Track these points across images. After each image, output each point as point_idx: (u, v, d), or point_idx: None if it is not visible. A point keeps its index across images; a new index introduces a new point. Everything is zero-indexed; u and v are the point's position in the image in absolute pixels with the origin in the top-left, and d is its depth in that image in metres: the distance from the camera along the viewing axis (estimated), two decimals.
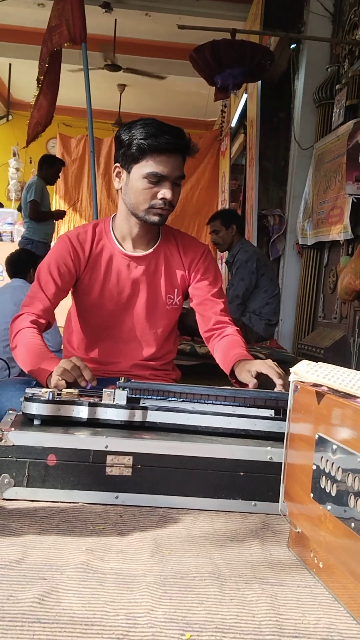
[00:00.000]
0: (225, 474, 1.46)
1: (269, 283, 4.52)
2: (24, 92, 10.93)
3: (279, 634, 0.92)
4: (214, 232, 4.73)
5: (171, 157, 1.93)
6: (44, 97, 5.12)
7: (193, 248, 2.17)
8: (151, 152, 1.92)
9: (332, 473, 1.06)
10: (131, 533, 1.29)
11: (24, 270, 4.10)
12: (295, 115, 5.70)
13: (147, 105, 10.67)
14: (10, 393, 2.00)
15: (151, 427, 1.60)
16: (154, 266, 2.11)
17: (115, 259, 2.09)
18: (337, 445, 1.04)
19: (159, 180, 1.93)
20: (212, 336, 2.15)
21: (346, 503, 1.00)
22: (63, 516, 1.36)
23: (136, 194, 1.97)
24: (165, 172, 1.93)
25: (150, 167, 1.93)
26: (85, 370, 1.69)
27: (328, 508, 1.06)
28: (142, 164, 1.94)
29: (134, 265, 2.09)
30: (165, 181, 1.94)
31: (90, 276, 2.08)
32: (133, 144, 1.93)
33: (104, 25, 7.54)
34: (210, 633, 0.91)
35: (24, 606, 0.94)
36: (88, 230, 2.11)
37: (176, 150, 1.94)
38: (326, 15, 5.34)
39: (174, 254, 2.14)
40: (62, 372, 1.69)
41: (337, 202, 4.58)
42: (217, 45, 4.67)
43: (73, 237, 2.08)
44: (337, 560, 1.04)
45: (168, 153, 1.92)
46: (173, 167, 1.94)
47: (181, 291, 2.16)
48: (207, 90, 8.26)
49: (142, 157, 1.93)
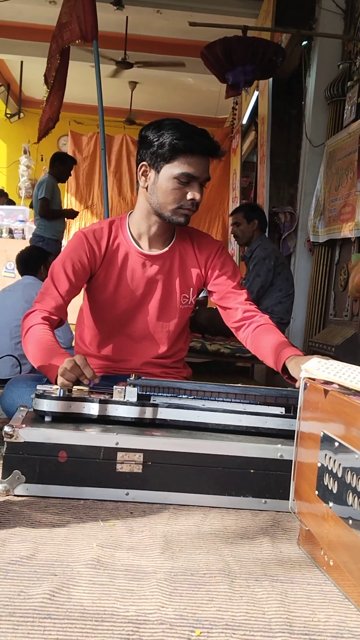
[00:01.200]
0: (236, 472, 1.47)
1: (285, 282, 4.50)
2: (35, 89, 10.95)
3: (289, 631, 0.92)
4: (235, 224, 4.73)
5: (202, 158, 1.95)
6: (55, 94, 5.11)
7: (208, 245, 2.16)
8: (184, 152, 1.92)
9: (334, 471, 1.05)
10: (141, 530, 1.29)
11: (34, 268, 4.10)
12: (306, 112, 5.67)
13: (158, 102, 10.66)
14: (21, 390, 2.00)
15: (162, 424, 1.60)
16: (168, 265, 2.11)
17: (130, 257, 2.09)
18: (338, 443, 1.04)
19: (189, 181, 1.94)
20: (242, 326, 2.11)
21: (345, 501, 1.00)
22: (74, 513, 1.36)
23: (165, 193, 1.97)
24: (197, 173, 1.94)
25: (182, 168, 1.93)
26: (85, 368, 1.68)
27: (330, 506, 1.06)
28: (173, 164, 1.94)
29: (149, 264, 2.09)
30: (195, 182, 1.95)
31: (105, 274, 2.08)
32: (165, 144, 1.92)
33: (116, 22, 7.53)
34: (220, 630, 0.91)
35: (35, 602, 0.95)
36: (104, 227, 2.10)
37: (207, 152, 1.96)
38: (338, 12, 5.31)
39: (189, 253, 2.14)
40: (63, 371, 1.68)
41: (348, 199, 4.56)
42: (228, 42, 4.66)
43: (89, 234, 2.08)
44: (339, 558, 1.04)
45: (200, 154, 1.94)
46: (203, 168, 1.96)
47: (196, 290, 2.16)
48: (218, 87, 8.24)
49: (175, 158, 1.93)
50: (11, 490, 1.44)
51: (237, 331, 2.13)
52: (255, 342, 2.05)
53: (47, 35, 7.89)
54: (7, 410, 2.04)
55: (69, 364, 1.68)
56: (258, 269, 4.45)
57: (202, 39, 5.64)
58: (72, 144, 9.83)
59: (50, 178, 6.59)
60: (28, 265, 4.11)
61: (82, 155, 9.89)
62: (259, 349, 2.03)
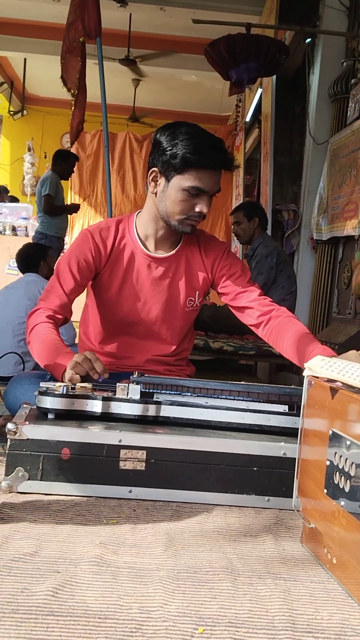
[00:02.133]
0: (239, 469, 1.47)
1: (287, 280, 4.50)
2: (39, 87, 10.97)
3: (292, 629, 0.92)
4: (236, 224, 4.74)
5: (214, 172, 1.94)
6: (81, 95, 5.11)
7: (214, 249, 2.15)
8: (196, 167, 1.91)
9: (346, 469, 1.05)
10: (144, 527, 1.29)
11: (35, 264, 4.09)
12: (310, 109, 5.66)
13: (161, 100, 10.66)
14: (24, 387, 2.00)
15: (165, 421, 1.60)
16: (174, 268, 2.11)
17: (136, 258, 2.08)
18: (351, 441, 1.04)
19: (198, 193, 1.94)
20: (261, 323, 2.07)
21: (359, 498, 1.00)
22: (77, 510, 1.36)
23: (174, 204, 1.96)
24: (207, 187, 1.93)
25: (193, 182, 1.92)
26: (96, 362, 1.70)
27: (341, 504, 1.06)
28: (184, 176, 1.92)
29: (155, 266, 2.09)
30: (205, 195, 1.94)
31: (110, 273, 2.08)
32: (178, 155, 1.90)
33: (119, 19, 7.53)
34: (223, 627, 0.91)
35: (38, 599, 0.95)
36: (111, 227, 2.10)
37: (220, 167, 1.95)
38: (342, 9, 5.30)
39: (195, 256, 2.13)
40: (74, 365, 1.69)
41: (352, 197, 4.56)
42: (232, 40, 4.65)
43: (95, 233, 2.07)
44: (351, 555, 1.03)
45: (212, 169, 1.93)
46: (214, 182, 1.95)
47: (202, 293, 2.16)
48: (221, 84, 8.24)
49: (186, 170, 1.91)
50: (14, 487, 1.44)
51: (257, 329, 2.09)
52: (278, 340, 2.01)
53: (50, 33, 7.92)
54: (10, 407, 2.04)
55: (80, 357, 1.69)
56: (260, 266, 4.45)
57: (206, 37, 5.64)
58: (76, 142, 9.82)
59: (54, 175, 6.59)
60: (28, 263, 4.11)
61: (86, 152, 9.90)
62: (282, 348, 1.99)
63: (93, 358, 1.71)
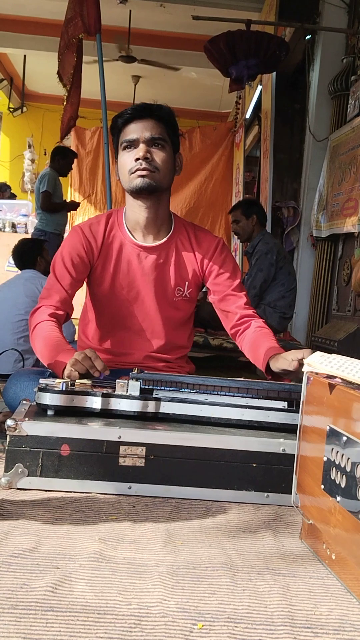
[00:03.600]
0: (238, 466, 1.47)
1: (287, 277, 4.50)
2: (38, 83, 10.95)
3: (291, 624, 0.92)
4: (234, 222, 4.73)
5: (139, 122, 2.01)
6: (75, 91, 5.11)
7: (206, 241, 2.15)
8: (122, 126, 2.03)
9: (342, 465, 1.05)
10: (144, 523, 1.29)
11: (31, 260, 4.08)
12: (310, 106, 5.66)
13: (161, 96, 10.52)
14: (24, 384, 2.01)
15: (164, 418, 1.60)
16: (164, 257, 2.11)
17: (125, 249, 2.09)
18: (347, 437, 1.04)
19: (132, 145, 2.01)
20: (238, 332, 2.14)
21: (355, 495, 1.00)
22: (76, 506, 1.37)
23: (122, 168, 2.05)
24: (135, 135, 2.00)
25: (123, 137, 2.02)
26: (96, 360, 1.70)
27: (338, 500, 1.06)
28: (120, 140, 2.04)
29: (144, 256, 2.09)
30: (138, 144, 2.00)
31: (103, 266, 2.09)
32: (113, 131, 2.07)
33: (119, 16, 7.51)
34: (222, 623, 0.91)
35: (37, 594, 0.95)
36: (101, 221, 2.12)
37: (142, 115, 2.01)
38: (341, 6, 5.29)
39: (186, 246, 2.14)
40: (73, 362, 1.70)
41: (351, 194, 4.56)
42: (231, 36, 4.65)
43: (85, 228, 2.09)
44: (346, 551, 1.04)
45: (135, 120, 2.01)
46: (142, 129, 2.00)
47: (193, 284, 2.15)
48: (221, 81, 8.23)
49: (119, 136, 2.04)
50: (14, 483, 1.44)
51: (234, 337, 2.17)
52: (246, 347, 2.09)
53: (50, 29, 7.91)
54: (10, 404, 2.04)
55: (80, 355, 1.70)
56: (260, 263, 4.44)
57: (206, 33, 5.64)
58: (76, 139, 9.81)
59: (52, 171, 6.59)
60: (24, 259, 4.09)
61: (85, 149, 9.87)
62: (248, 353, 2.08)
63: (93, 356, 1.71)
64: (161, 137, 2.01)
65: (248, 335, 2.09)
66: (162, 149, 2.01)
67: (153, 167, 1.99)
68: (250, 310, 2.14)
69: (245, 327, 2.12)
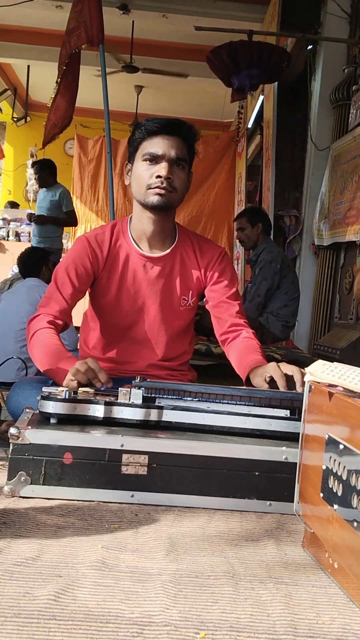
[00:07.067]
0: (241, 474, 1.47)
1: (290, 286, 4.51)
2: (42, 93, 10.98)
3: (294, 633, 0.92)
4: (239, 230, 4.74)
5: (166, 138, 1.99)
6: (62, 99, 5.13)
7: (210, 250, 2.17)
8: (147, 136, 2.00)
9: (339, 473, 1.05)
10: (146, 531, 1.29)
11: (36, 269, 4.10)
12: (311, 116, 5.68)
13: (164, 106, 10.68)
14: (27, 392, 2.01)
15: (167, 426, 1.60)
16: (169, 267, 2.12)
17: (131, 259, 2.09)
18: (343, 445, 1.04)
19: (155, 160, 1.99)
20: (227, 339, 2.15)
21: (350, 503, 1.00)
22: (79, 514, 1.37)
23: (138, 179, 2.03)
24: (160, 151, 1.98)
25: (146, 149, 2.00)
26: (100, 372, 1.70)
27: (335, 508, 1.06)
28: (140, 150, 2.02)
29: (150, 266, 2.10)
30: (162, 160, 1.99)
31: (108, 277, 2.09)
32: (135, 137, 2.03)
33: (122, 26, 7.56)
34: (225, 632, 0.91)
35: (40, 603, 0.95)
36: (106, 231, 2.12)
37: (170, 131, 2.00)
38: (343, 16, 5.32)
39: (190, 256, 2.15)
40: (75, 372, 1.69)
41: (353, 202, 4.57)
42: (234, 47, 4.68)
43: (91, 238, 2.10)
44: (344, 560, 1.04)
45: (162, 134, 1.99)
46: (168, 146, 1.99)
47: (196, 293, 2.16)
48: (224, 91, 8.25)
49: (140, 144, 2.02)
50: (17, 491, 1.44)
51: (223, 344, 2.18)
52: (232, 357, 2.11)
53: (53, 40, 7.95)
54: (12, 412, 2.05)
55: (83, 366, 1.69)
56: (264, 272, 4.45)
57: (208, 44, 5.66)
58: (78, 147, 9.86)
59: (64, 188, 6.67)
60: (29, 267, 4.12)
61: (88, 158, 9.91)
62: (233, 363, 2.10)
63: (97, 368, 1.70)
64: (184, 159, 2.02)
65: (234, 346, 2.10)
66: (182, 169, 2.02)
67: (172, 187, 2.00)
68: (241, 320, 2.15)
69: (234, 335, 2.13)
